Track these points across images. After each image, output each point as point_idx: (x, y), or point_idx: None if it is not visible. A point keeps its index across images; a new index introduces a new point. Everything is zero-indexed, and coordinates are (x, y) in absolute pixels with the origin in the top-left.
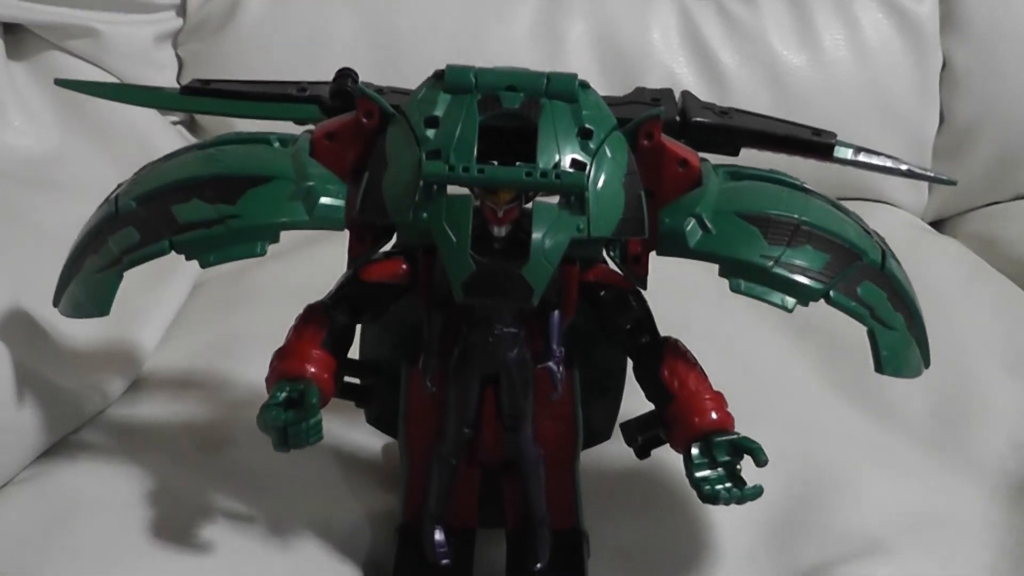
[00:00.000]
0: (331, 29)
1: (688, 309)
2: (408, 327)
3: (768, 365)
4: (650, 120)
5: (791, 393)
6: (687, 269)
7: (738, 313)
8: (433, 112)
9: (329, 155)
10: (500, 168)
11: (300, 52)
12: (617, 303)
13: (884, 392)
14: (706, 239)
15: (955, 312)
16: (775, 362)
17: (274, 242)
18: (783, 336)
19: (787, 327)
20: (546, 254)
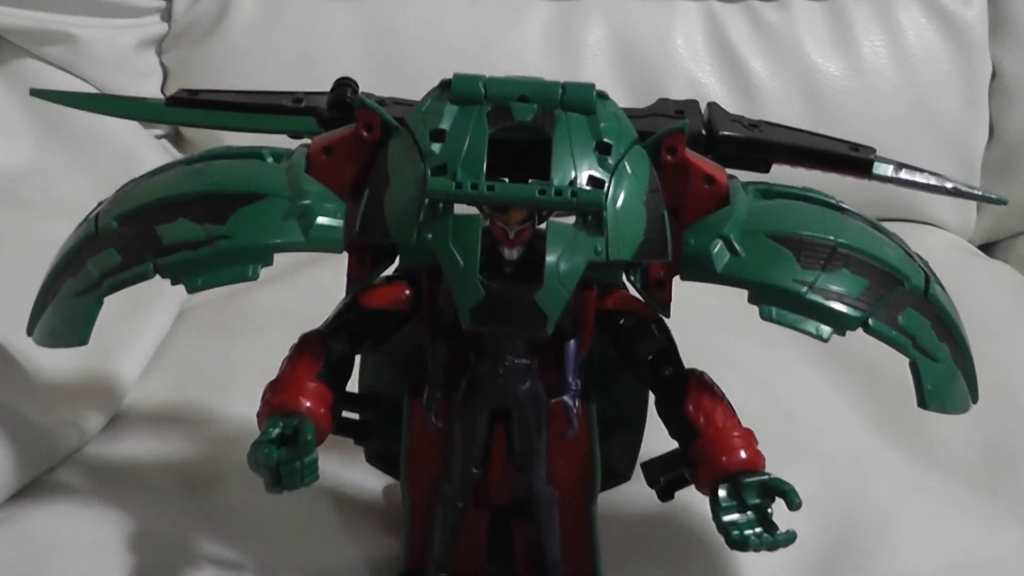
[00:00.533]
0: (329, 35)
1: (714, 339)
2: (411, 357)
3: (802, 399)
4: (674, 133)
5: (827, 430)
6: (713, 295)
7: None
8: (439, 125)
9: (326, 171)
10: (511, 185)
11: (295, 60)
12: (638, 332)
13: (928, 429)
14: (734, 262)
15: (1006, 343)
16: (809, 396)
17: (267, 265)
18: (818, 368)
19: (823, 358)
20: (561, 279)
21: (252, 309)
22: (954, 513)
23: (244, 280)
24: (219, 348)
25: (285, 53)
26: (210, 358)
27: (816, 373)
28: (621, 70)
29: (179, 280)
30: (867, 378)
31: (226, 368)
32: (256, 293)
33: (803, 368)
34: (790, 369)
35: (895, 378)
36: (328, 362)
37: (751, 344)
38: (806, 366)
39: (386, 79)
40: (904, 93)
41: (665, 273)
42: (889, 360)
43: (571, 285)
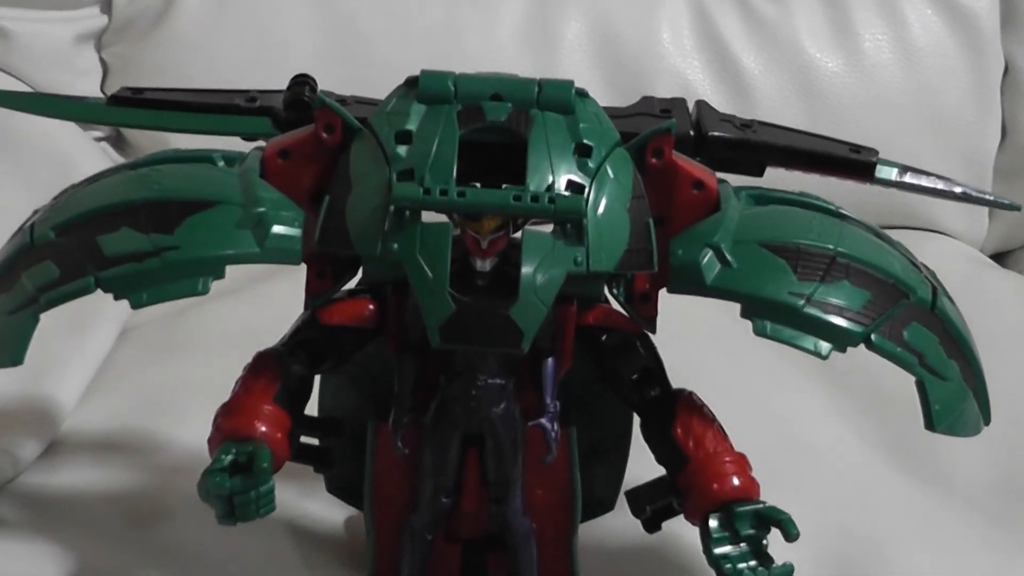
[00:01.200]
0: (285, 29)
1: (704, 356)
2: (376, 378)
3: (799, 421)
4: (659, 135)
5: (826, 454)
6: (703, 309)
7: (763, 360)
8: (405, 126)
9: (283, 176)
10: (484, 191)
11: (248, 56)
12: (621, 350)
13: (936, 454)
14: (725, 274)
15: (1020, 359)
16: (808, 418)
17: (218, 278)
18: (816, 387)
19: (821, 377)
20: (538, 292)
21: (202, 326)
22: (965, 546)
23: (194, 294)
24: (166, 369)
25: (237, 48)
26: (156, 380)
27: (815, 393)
28: (602, 66)
29: (123, 295)
30: (870, 398)
31: (174, 390)
32: (206, 309)
33: (800, 388)
34: (786, 389)
35: (900, 398)
36: (285, 384)
37: (744, 362)
38: (804, 385)
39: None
40: (909, 90)
41: (651, 286)
42: (894, 379)
43: (549, 299)
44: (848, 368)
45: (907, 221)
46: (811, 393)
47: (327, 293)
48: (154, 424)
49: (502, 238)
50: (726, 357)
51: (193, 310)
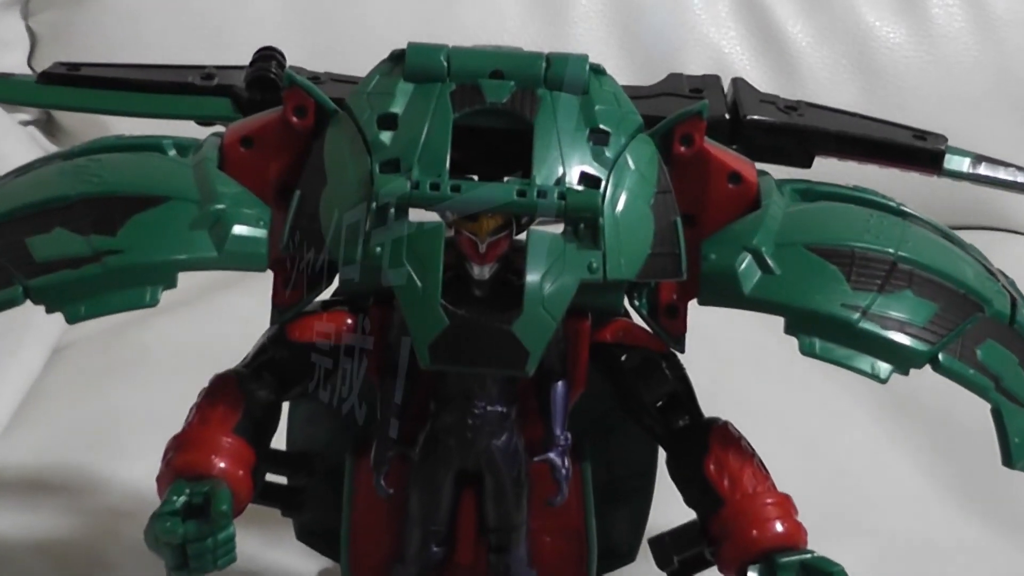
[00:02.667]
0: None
1: (741, 379)
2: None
3: (853, 456)
4: (689, 119)
5: (885, 496)
6: (739, 324)
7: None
8: (389, 108)
9: (245, 167)
10: (482, 185)
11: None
12: (644, 372)
13: (1015, 495)
14: (766, 282)
15: None
16: (863, 452)
17: (169, 288)
18: (874, 417)
19: (879, 404)
20: (546, 304)
21: (149, 345)
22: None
23: (140, 307)
24: (106, 394)
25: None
26: (94, 408)
27: (872, 423)
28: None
29: (56, 307)
30: (937, 430)
31: (115, 420)
32: (154, 324)
33: (855, 417)
34: (838, 418)
35: (973, 429)
36: (248, 412)
37: (788, 386)
38: (859, 414)
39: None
40: (985, 66)
41: (678, 296)
42: (965, 406)
43: (558, 312)
44: (911, 394)
45: (981, 220)
46: (867, 423)
47: (297, 305)
48: (92, 460)
49: (503, 240)
50: (767, 380)
51: (138, 325)
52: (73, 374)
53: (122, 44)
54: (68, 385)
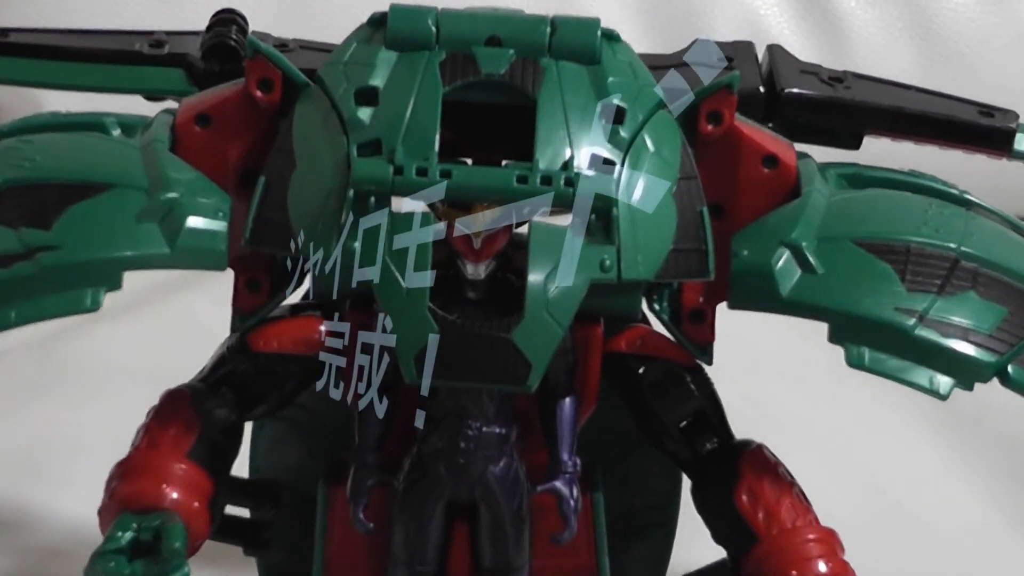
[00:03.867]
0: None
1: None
2: (328, 426)
3: (908, 484)
4: (717, 93)
5: (945, 527)
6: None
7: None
8: (369, 81)
9: (202, 149)
10: (477, 170)
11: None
12: (665, 387)
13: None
14: (807, 283)
15: None
16: (919, 479)
17: (112, 290)
18: (932, 438)
19: (938, 424)
20: (551, 308)
21: (89, 355)
22: None
23: (79, 311)
24: (39, 413)
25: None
26: (25, 429)
27: (929, 447)
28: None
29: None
30: (1004, 453)
31: (49, 443)
32: (96, 331)
33: (909, 439)
34: (890, 440)
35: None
36: (205, 434)
37: (833, 403)
38: (914, 436)
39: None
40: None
41: (705, 299)
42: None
43: (566, 318)
44: (975, 412)
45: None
46: (924, 447)
47: (261, 310)
48: (23, 490)
49: (502, 234)
50: (808, 397)
51: (77, 333)
52: (1, 389)
53: (56, 5)
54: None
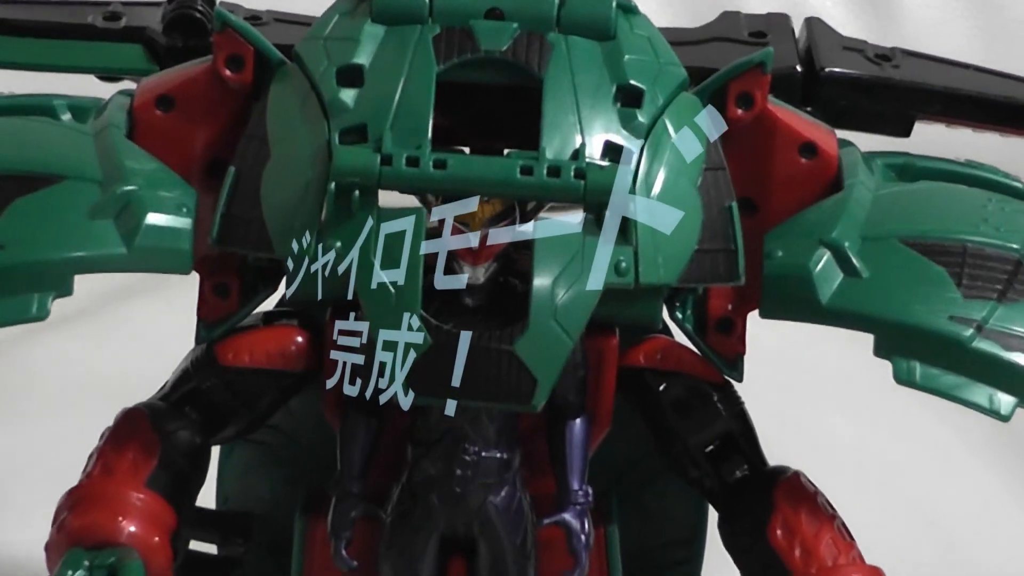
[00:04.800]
0: None
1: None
2: (305, 450)
3: (963, 515)
4: (748, 72)
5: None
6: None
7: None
8: (353, 58)
9: (164, 136)
10: (475, 159)
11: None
12: (689, 406)
13: None
14: (850, 288)
15: None
16: (974, 511)
17: (62, 295)
18: (993, 463)
19: (1000, 447)
20: (559, 316)
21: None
22: None
23: (24, 320)
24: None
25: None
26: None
27: (987, 472)
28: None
29: None
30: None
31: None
32: (43, 341)
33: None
34: (943, 465)
35: None
36: (165, 459)
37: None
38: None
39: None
40: None
41: (734, 307)
42: None
43: (576, 327)
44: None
45: None
46: (983, 474)
47: (231, 319)
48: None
49: (503, 233)
50: (850, 417)
51: (19, 344)
52: None
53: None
54: None
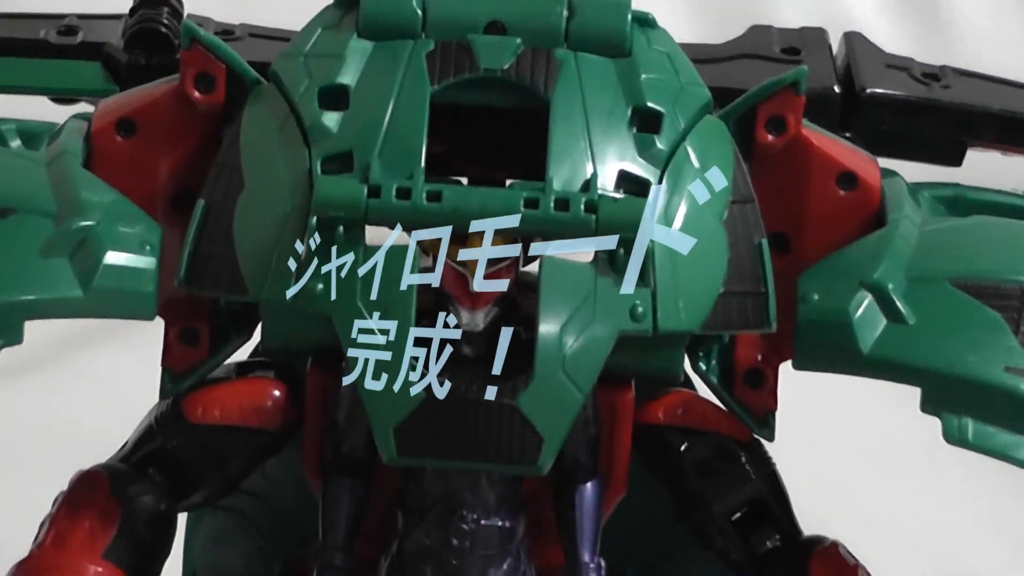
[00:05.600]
0: None
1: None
2: (283, 519)
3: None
4: (780, 93)
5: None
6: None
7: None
8: (337, 78)
9: (125, 164)
10: (475, 191)
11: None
12: (715, 468)
13: None
14: (895, 336)
15: None
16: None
17: (10, 343)
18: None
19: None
20: (569, 367)
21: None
22: None
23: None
24: None
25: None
26: None
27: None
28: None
29: None
30: None
31: None
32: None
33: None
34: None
35: None
36: (126, 528)
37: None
38: None
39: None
40: None
41: (764, 357)
42: None
43: (587, 379)
44: None
45: None
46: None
47: (199, 369)
48: None
49: (505, 273)
50: (895, 480)
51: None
52: None
53: None
54: None
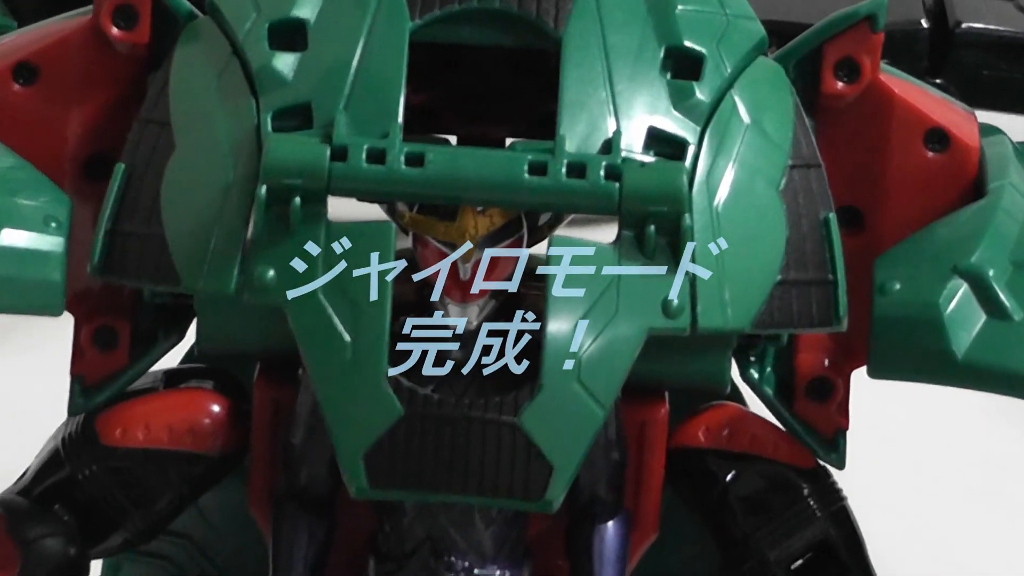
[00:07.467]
0: None
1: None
2: (224, 567)
3: None
4: (853, 28)
5: None
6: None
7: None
8: (291, 10)
9: (24, 121)
10: (465, 152)
11: None
12: (770, 504)
13: None
14: (996, 335)
15: None
16: None
17: None
18: None
19: None
20: (584, 375)
21: None
22: None
23: None
24: None
25: None
26: None
27: None
28: None
29: None
30: None
31: None
32: None
33: None
34: None
35: None
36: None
37: None
38: None
39: None
40: None
41: (832, 363)
42: None
43: (608, 391)
44: None
45: None
46: None
47: (118, 379)
48: None
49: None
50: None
51: None
52: None
53: None
54: None
